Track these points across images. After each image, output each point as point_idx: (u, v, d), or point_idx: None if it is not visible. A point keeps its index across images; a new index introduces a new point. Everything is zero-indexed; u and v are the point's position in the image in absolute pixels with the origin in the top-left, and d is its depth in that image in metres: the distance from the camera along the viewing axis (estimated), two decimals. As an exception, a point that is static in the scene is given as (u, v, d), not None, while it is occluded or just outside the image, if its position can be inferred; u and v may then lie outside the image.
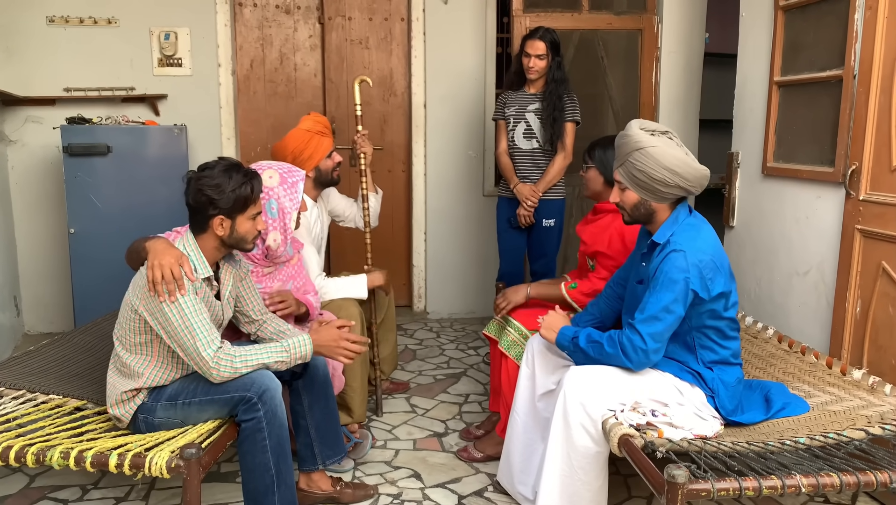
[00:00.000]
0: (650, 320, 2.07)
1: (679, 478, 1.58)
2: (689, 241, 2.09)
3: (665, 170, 2.09)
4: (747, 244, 3.39)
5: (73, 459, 1.82)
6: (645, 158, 2.10)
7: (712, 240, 2.16)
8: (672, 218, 2.17)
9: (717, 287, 2.09)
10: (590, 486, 2.10)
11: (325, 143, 2.95)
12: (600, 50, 4.36)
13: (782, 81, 3.11)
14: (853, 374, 2.35)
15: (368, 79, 3.23)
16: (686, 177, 2.10)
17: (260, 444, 2.03)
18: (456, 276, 4.90)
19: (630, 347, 2.09)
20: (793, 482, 1.62)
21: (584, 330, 2.24)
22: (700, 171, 2.12)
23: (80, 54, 4.27)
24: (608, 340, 2.14)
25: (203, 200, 2.06)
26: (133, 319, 2.07)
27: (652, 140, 2.10)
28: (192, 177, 2.10)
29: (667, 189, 2.12)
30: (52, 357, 2.71)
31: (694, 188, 2.14)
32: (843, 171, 2.68)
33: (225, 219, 2.10)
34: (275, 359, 2.10)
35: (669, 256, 2.08)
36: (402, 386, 3.59)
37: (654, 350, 2.09)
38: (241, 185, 2.09)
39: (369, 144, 3.21)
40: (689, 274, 2.04)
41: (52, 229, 4.37)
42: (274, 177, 2.51)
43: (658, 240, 2.17)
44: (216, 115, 4.47)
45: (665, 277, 2.06)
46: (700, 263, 2.06)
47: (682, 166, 2.09)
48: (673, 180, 2.10)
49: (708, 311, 2.13)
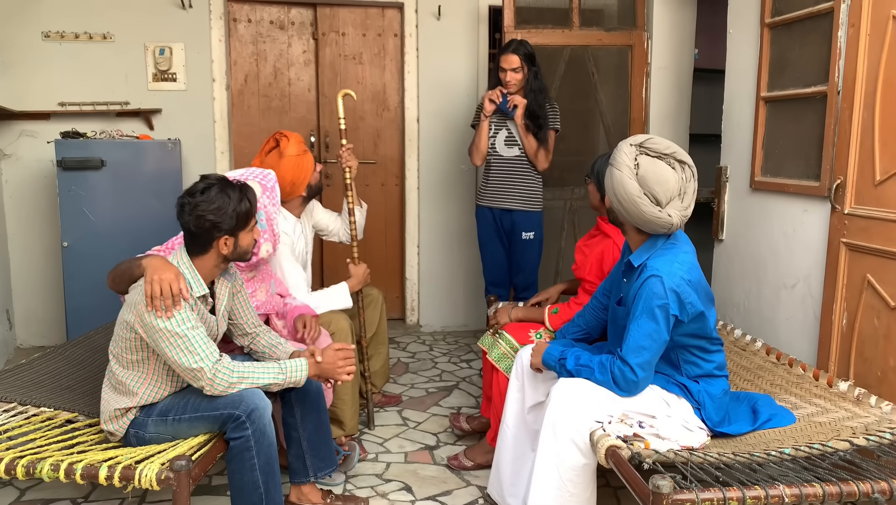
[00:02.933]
0: (637, 350, 2.08)
1: (664, 488, 1.59)
2: (666, 265, 2.08)
3: (614, 196, 2.12)
4: (736, 258, 3.42)
5: (63, 472, 1.83)
6: (609, 176, 2.15)
7: (688, 261, 2.13)
8: (650, 241, 2.17)
9: (695, 308, 2.10)
10: (579, 497, 2.12)
11: (309, 159, 3.00)
12: (591, 66, 4.41)
13: (769, 97, 3.16)
14: (839, 385, 2.37)
15: (352, 92, 3.26)
16: (630, 213, 2.09)
17: (248, 462, 2.04)
18: (449, 289, 4.92)
19: (621, 378, 2.10)
20: (776, 492, 1.64)
21: (570, 351, 2.25)
22: (645, 217, 2.06)
23: (75, 69, 4.30)
24: (599, 367, 2.15)
25: (206, 226, 2.06)
26: (128, 338, 2.08)
27: (623, 164, 2.08)
28: (186, 202, 2.07)
29: (623, 213, 2.13)
30: (44, 370, 2.71)
31: (646, 228, 2.11)
32: (828, 186, 2.72)
33: (229, 238, 2.12)
34: (270, 380, 2.12)
35: (647, 281, 2.08)
36: (394, 399, 3.60)
37: (643, 379, 2.11)
38: (241, 201, 2.11)
39: (354, 158, 3.24)
40: (667, 300, 2.04)
41: (46, 243, 4.37)
42: (256, 188, 2.55)
43: (635, 262, 2.18)
44: (210, 129, 4.50)
45: (645, 305, 2.07)
46: (678, 287, 2.06)
47: (628, 201, 2.07)
48: (619, 208, 2.12)
49: (688, 331, 2.15)
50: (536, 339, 2.73)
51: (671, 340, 2.14)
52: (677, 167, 2.09)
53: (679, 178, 2.08)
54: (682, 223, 2.11)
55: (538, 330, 2.76)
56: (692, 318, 2.10)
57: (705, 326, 2.16)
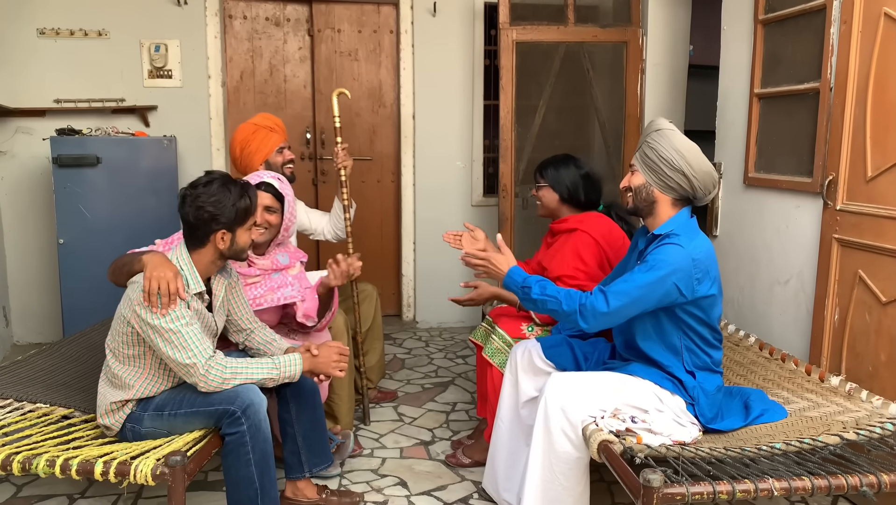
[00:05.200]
0: (621, 293, 2.08)
1: (654, 482, 1.61)
2: (688, 239, 2.13)
3: (674, 150, 2.15)
4: (730, 253, 3.44)
5: (59, 467, 1.84)
6: (660, 139, 2.18)
7: (707, 247, 2.19)
8: (675, 217, 2.20)
9: (702, 290, 2.12)
10: (571, 491, 2.13)
11: (272, 138, 3.01)
12: (586, 62, 4.42)
13: (762, 93, 3.17)
14: (831, 380, 2.39)
15: (347, 91, 3.27)
16: (692, 165, 2.14)
17: (243, 457, 2.06)
18: (445, 285, 4.91)
19: (590, 309, 2.08)
20: (765, 486, 1.66)
21: (535, 278, 2.22)
22: (707, 166, 2.16)
23: (71, 66, 4.29)
24: (566, 298, 2.13)
25: (205, 217, 2.08)
26: (125, 332, 2.09)
27: (672, 126, 2.18)
28: (187, 194, 2.11)
29: (671, 173, 2.15)
30: (40, 367, 2.72)
31: (699, 185, 2.17)
32: (820, 182, 2.73)
33: (226, 232, 2.13)
34: (264, 376, 2.14)
35: (665, 245, 2.11)
36: (389, 395, 3.62)
37: (612, 313, 2.08)
38: (241, 197, 2.13)
39: (349, 158, 3.25)
40: (677, 267, 2.06)
41: (42, 240, 4.38)
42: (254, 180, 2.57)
43: (659, 232, 2.19)
44: (206, 126, 4.50)
45: (654, 261, 2.08)
46: (693, 260, 2.09)
47: (693, 152, 2.15)
48: (678, 164, 2.14)
49: (693, 313, 2.16)
50: (529, 332, 2.74)
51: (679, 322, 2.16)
52: None
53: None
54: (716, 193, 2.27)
55: (529, 323, 2.78)
56: (698, 298, 2.12)
57: (711, 311, 2.18)
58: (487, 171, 4.95)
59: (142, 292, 2.00)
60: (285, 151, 3.07)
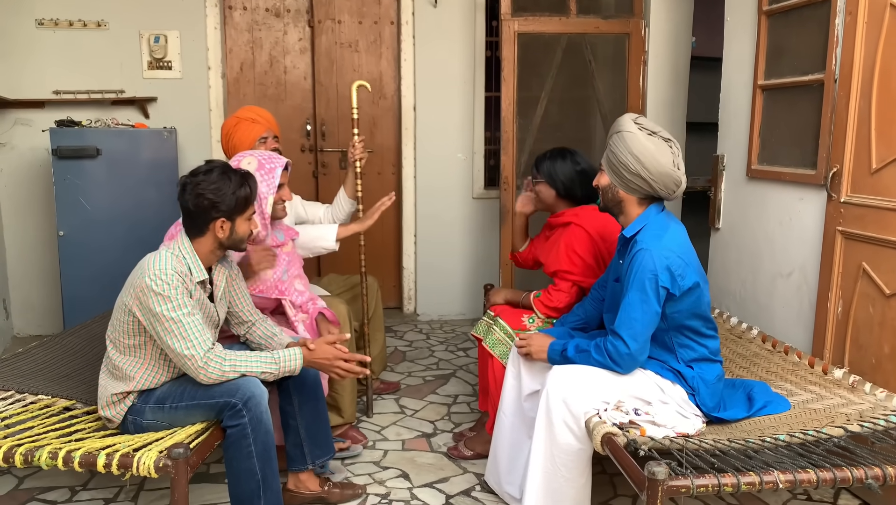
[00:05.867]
0: (628, 323, 2.12)
1: (659, 474, 1.61)
2: (654, 240, 2.14)
3: (630, 154, 2.16)
4: (732, 246, 3.42)
5: (62, 460, 1.84)
6: (619, 142, 2.18)
7: (680, 237, 2.20)
8: (643, 215, 2.22)
9: (686, 282, 2.13)
10: (573, 483, 2.13)
11: (254, 129, 3.02)
12: (588, 54, 4.39)
13: (766, 85, 3.15)
14: (834, 373, 2.39)
15: (367, 84, 3.26)
16: (649, 169, 2.15)
17: (245, 450, 2.05)
18: (446, 278, 4.93)
19: (615, 353, 2.13)
20: (770, 478, 1.65)
21: (570, 342, 2.29)
22: (664, 168, 2.15)
23: (70, 57, 4.27)
24: (595, 349, 2.18)
25: (205, 204, 2.08)
26: (126, 322, 2.09)
27: (631, 128, 2.17)
28: (187, 182, 2.11)
29: (629, 176, 2.18)
30: (41, 359, 2.71)
31: (658, 186, 2.18)
32: (824, 174, 2.72)
33: (226, 221, 2.13)
34: (263, 369, 2.13)
35: (636, 255, 2.13)
36: (392, 386, 3.61)
37: (638, 351, 2.13)
38: (241, 186, 2.13)
39: (365, 151, 3.25)
40: (656, 272, 2.08)
41: (41, 232, 4.37)
42: (252, 163, 2.55)
43: (626, 234, 2.24)
44: (206, 118, 4.48)
45: (635, 278, 2.11)
46: (667, 259, 2.10)
47: (647, 157, 2.14)
48: (635, 168, 2.15)
49: (682, 309, 2.17)
50: (529, 323, 2.74)
51: (667, 320, 2.17)
52: (664, 143, 2.18)
53: (671, 153, 2.18)
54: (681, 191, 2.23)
55: (531, 315, 2.78)
56: (685, 291, 2.13)
57: (700, 301, 2.18)
58: (489, 164, 4.93)
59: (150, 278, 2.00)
60: (269, 141, 3.06)
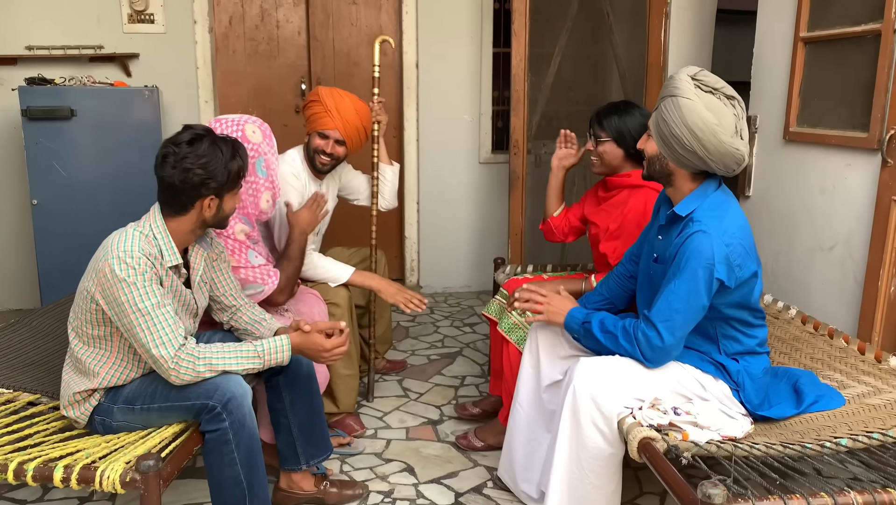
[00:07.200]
0: (668, 313, 1.83)
1: (716, 498, 1.34)
2: (715, 222, 1.83)
3: (685, 128, 1.82)
4: (764, 215, 3.15)
5: (12, 473, 1.58)
6: (672, 108, 1.84)
7: (740, 219, 1.89)
8: (699, 191, 1.91)
9: (745, 273, 1.85)
10: (602, 490, 1.89)
11: (324, 120, 2.73)
12: (605, 6, 4.08)
13: (809, 38, 2.84)
14: (890, 361, 2.13)
15: (391, 39, 2.95)
16: (706, 147, 1.82)
17: (227, 456, 1.78)
18: (450, 248, 4.66)
19: (646, 343, 1.86)
20: (845, 500, 1.40)
21: (596, 315, 2.00)
22: (725, 148, 1.82)
23: (44, 10, 3.94)
24: (623, 333, 1.91)
25: (194, 181, 1.79)
26: (88, 310, 1.82)
27: (689, 92, 1.82)
28: (170, 153, 1.80)
29: (682, 151, 1.85)
30: (7, 343, 2.45)
31: (716, 166, 1.86)
32: (878, 137, 2.43)
33: (214, 198, 1.85)
34: (245, 366, 1.85)
35: (692, 237, 1.82)
36: (398, 365, 3.37)
37: (672, 346, 1.86)
38: (233, 158, 1.85)
39: (385, 113, 2.94)
40: (714, 261, 1.78)
41: (14, 200, 4.07)
42: (256, 132, 2.26)
43: (680, 212, 1.91)
44: (192, 76, 4.17)
45: (686, 264, 1.81)
46: (728, 247, 1.81)
47: (707, 133, 1.80)
48: (690, 144, 1.82)
49: (733, 301, 1.89)
50: None
51: (712, 311, 1.88)
52: (728, 103, 1.84)
53: (734, 115, 1.84)
54: (742, 168, 1.91)
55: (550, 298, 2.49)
56: (740, 284, 1.85)
57: (751, 294, 1.90)
58: (496, 126, 4.62)
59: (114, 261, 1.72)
60: (330, 143, 2.69)
